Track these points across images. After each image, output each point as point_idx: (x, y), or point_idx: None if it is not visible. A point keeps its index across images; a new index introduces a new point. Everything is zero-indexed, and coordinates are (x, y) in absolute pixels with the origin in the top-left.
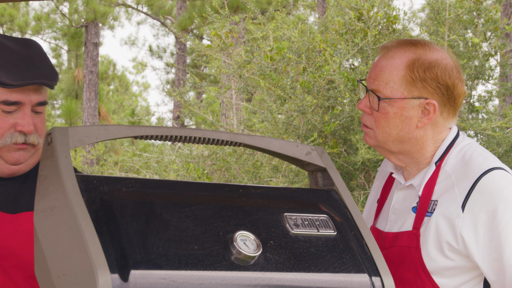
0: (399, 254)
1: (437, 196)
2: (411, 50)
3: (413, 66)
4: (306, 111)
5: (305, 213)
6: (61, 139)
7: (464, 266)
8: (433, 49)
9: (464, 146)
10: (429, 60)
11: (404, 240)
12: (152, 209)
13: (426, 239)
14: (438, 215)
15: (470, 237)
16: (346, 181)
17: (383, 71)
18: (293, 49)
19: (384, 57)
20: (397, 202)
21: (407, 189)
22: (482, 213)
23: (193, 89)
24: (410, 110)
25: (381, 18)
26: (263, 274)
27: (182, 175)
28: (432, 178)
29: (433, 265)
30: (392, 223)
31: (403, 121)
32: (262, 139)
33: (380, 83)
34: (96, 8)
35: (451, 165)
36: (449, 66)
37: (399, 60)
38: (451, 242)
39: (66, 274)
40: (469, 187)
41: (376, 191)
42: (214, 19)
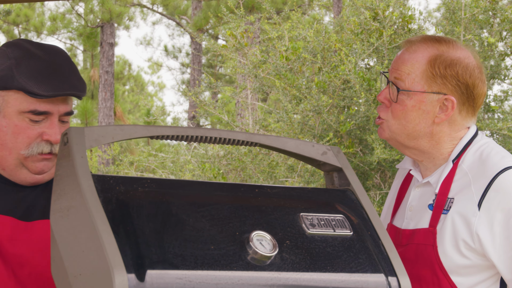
0: (416, 252)
1: (454, 194)
2: (434, 46)
3: (435, 62)
4: (322, 111)
5: (321, 213)
6: (77, 139)
7: (481, 265)
8: (456, 47)
9: (481, 145)
10: (451, 58)
11: (420, 238)
12: (168, 209)
13: (442, 237)
14: (454, 213)
15: (486, 235)
16: (361, 181)
17: (405, 63)
18: (308, 49)
19: (407, 51)
20: (414, 199)
21: (424, 186)
22: (498, 211)
23: (209, 89)
24: (428, 104)
25: (397, 17)
26: (279, 274)
27: (197, 175)
28: (449, 176)
29: (449, 263)
30: (409, 220)
31: (421, 115)
32: (278, 139)
33: (401, 75)
34: (112, 8)
35: (468, 163)
36: (470, 65)
37: (422, 54)
38: (467, 241)
39: (83, 274)
40: (486, 185)
41: (395, 188)
42: (229, 19)
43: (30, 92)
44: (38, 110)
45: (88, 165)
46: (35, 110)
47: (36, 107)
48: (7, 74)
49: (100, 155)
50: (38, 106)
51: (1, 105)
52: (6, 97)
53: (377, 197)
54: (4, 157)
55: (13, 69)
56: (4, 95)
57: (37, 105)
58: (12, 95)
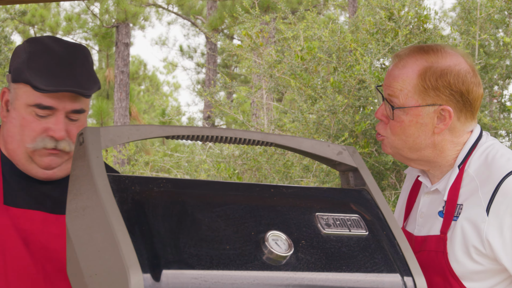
0: (427, 259)
1: (462, 200)
2: (423, 58)
3: (425, 74)
4: (337, 111)
5: (336, 213)
6: (93, 139)
7: (493, 269)
8: (446, 54)
9: (487, 148)
10: (441, 68)
11: (432, 245)
12: (184, 209)
13: (453, 243)
14: (464, 220)
15: (496, 240)
16: (377, 180)
17: (396, 80)
18: (323, 48)
19: (396, 66)
20: (424, 206)
21: (433, 193)
22: (507, 215)
23: (224, 89)
24: (425, 117)
25: (412, 17)
26: (294, 274)
27: (212, 175)
28: (456, 182)
29: (461, 269)
30: (420, 227)
31: (419, 128)
32: (293, 139)
33: (394, 92)
34: (127, 8)
35: (474, 168)
36: (462, 71)
37: (411, 69)
38: (478, 247)
39: (98, 274)
40: (493, 190)
41: (405, 192)
42: (244, 19)
43: (34, 86)
44: (42, 104)
45: (103, 165)
46: (40, 104)
47: (41, 101)
48: (19, 67)
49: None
50: (43, 100)
51: (13, 97)
52: (16, 90)
53: (392, 197)
54: (14, 150)
55: (25, 63)
56: (15, 87)
57: (42, 99)
58: (21, 88)
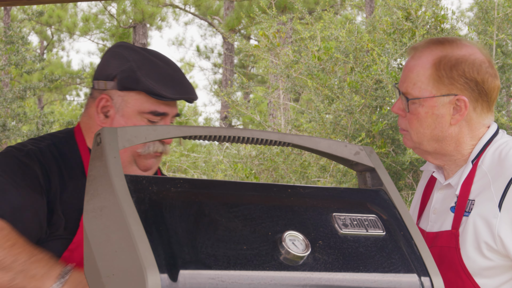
0: (440, 254)
1: (475, 195)
2: (438, 48)
3: (439, 64)
4: (354, 111)
5: (353, 213)
6: (110, 140)
7: (504, 266)
8: (461, 45)
9: (501, 144)
10: (455, 57)
11: (444, 240)
12: (201, 209)
13: (464, 239)
14: (476, 215)
15: (508, 236)
16: (394, 181)
17: (411, 71)
18: (340, 49)
19: (412, 58)
20: (437, 202)
21: (446, 188)
22: None
23: (241, 89)
24: (440, 108)
25: (429, 17)
26: (312, 274)
27: (229, 175)
28: (469, 177)
29: (472, 265)
30: (433, 223)
31: (435, 119)
32: (310, 139)
33: (409, 84)
34: (144, 8)
35: (487, 164)
36: (477, 61)
37: (426, 59)
38: (489, 242)
39: (116, 274)
40: (505, 185)
41: (420, 190)
42: (261, 19)
43: (156, 94)
44: (158, 111)
45: (121, 166)
46: (155, 111)
47: (157, 108)
48: (131, 76)
49: None
50: (158, 107)
51: (120, 105)
52: (126, 97)
53: (409, 197)
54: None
55: (136, 72)
56: (124, 95)
57: (157, 107)
58: (133, 96)
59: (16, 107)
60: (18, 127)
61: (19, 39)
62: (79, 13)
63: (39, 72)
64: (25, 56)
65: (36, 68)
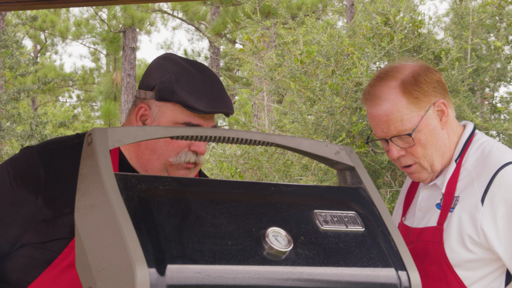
0: (424, 249)
1: (459, 192)
2: (391, 80)
3: (405, 88)
4: (335, 112)
5: (334, 210)
6: (101, 139)
7: (486, 259)
8: (401, 66)
9: (482, 143)
10: (410, 75)
11: (428, 235)
12: (188, 206)
13: (449, 233)
14: (460, 210)
15: (490, 229)
16: (373, 179)
17: (389, 114)
18: (322, 52)
19: (377, 104)
20: (423, 199)
21: (431, 187)
22: (501, 205)
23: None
24: (431, 121)
25: (407, 22)
26: (294, 268)
27: (215, 173)
28: (454, 176)
29: (456, 258)
30: (419, 220)
31: (433, 134)
32: (293, 139)
33: (397, 125)
34: (134, 14)
35: (471, 162)
36: (422, 67)
37: (393, 96)
38: (472, 235)
39: (106, 268)
40: (488, 181)
41: (406, 188)
42: (246, 24)
43: (189, 107)
44: (191, 123)
45: (111, 165)
46: (189, 122)
47: (191, 120)
48: (168, 87)
49: None
50: (192, 119)
51: (157, 115)
52: (162, 108)
53: (387, 194)
54: (151, 161)
55: (173, 84)
56: (161, 105)
57: (191, 119)
58: (169, 106)
59: (10, 108)
60: (12, 127)
61: (13, 43)
62: (71, 18)
63: (33, 74)
64: (19, 59)
65: (30, 71)
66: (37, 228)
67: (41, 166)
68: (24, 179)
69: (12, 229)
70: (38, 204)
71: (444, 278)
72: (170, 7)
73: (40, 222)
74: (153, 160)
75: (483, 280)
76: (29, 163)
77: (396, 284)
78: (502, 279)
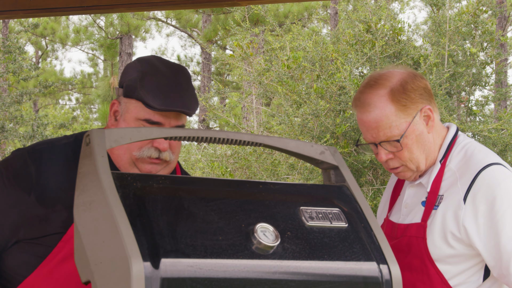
0: (408, 244)
1: (443, 191)
2: (380, 89)
3: (394, 97)
4: (320, 115)
5: (319, 207)
6: (98, 140)
7: (466, 254)
8: (389, 74)
9: (465, 145)
10: (397, 83)
11: (413, 231)
12: (181, 203)
13: (432, 230)
14: (444, 208)
15: (471, 226)
16: (356, 178)
17: (378, 121)
18: (307, 58)
19: (367, 111)
20: (409, 197)
21: (417, 185)
22: (482, 204)
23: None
24: (418, 127)
25: (388, 30)
26: (281, 262)
27: (207, 172)
28: (438, 176)
29: (437, 253)
30: (404, 216)
31: (420, 140)
32: (280, 140)
33: (386, 131)
34: (130, 21)
35: (455, 163)
36: (408, 75)
37: (381, 103)
38: (455, 232)
39: (103, 262)
40: (470, 180)
41: (391, 186)
42: (236, 31)
43: (146, 104)
44: (152, 120)
45: (108, 164)
46: (150, 119)
47: (151, 117)
48: (132, 85)
49: None
50: (152, 116)
51: (123, 110)
52: (128, 104)
53: (369, 192)
54: (120, 155)
55: (137, 81)
56: (127, 102)
57: (152, 116)
58: (133, 103)
59: (13, 110)
60: (15, 128)
61: (16, 49)
62: (70, 25)
63: (34, 79)
64: (21, 64)
65: (32, 76)
66: (31, 224)
67: (32, 165)
68: (17, 178)
69: (7, 226)
70: (31, 201)
71: (426, 271)
72: (164, 15)
73: (34, 218)
74: (122, 155)
75: (463, 274)
76: (20, 163)
77: (377, 277)
78: (481, 274)
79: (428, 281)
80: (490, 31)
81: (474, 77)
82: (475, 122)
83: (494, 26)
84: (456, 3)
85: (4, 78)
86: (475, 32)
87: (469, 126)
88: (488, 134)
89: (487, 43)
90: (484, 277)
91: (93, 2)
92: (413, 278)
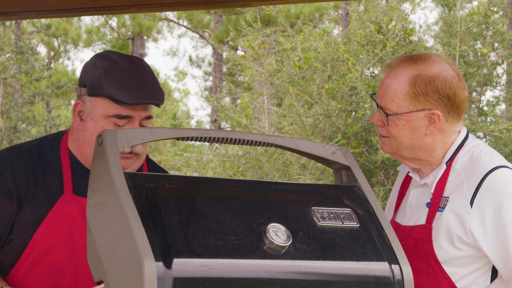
0: (414, 246)
1: (448, 193)
2: (412, 66)
3: (415, 82)
4: (331, 115)
5: (330, 207)
6: (111, 140)
7: (473, 256)
8: (433, 62)
9: (472, 147)
10: (429, 75)
11: (418, 233)
12: (193, 203)
13: (438, 231)
14: (449, 211)
15: (478, 230)
16: (367, 178)
17: (389, 89)
18: (319, 58)
19: (388, 76)
20: (413, 198)
21: (422, 186)
22: (489, 208)
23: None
24: (416, 121)
25: (399, 30)
26: (292, 262)
27: (219, 172)
28: (443, 177)
29: (444, 255)
30: (409, 217)
31: (412, 131)
32: (291, 140)
33: (387, 101)
34: (142, 22)
35: (460, 165)
36: (449, 77)
37: (402, 77)
38: (461, 235)
39: (116, 262)
40: (477, 184)
41: (397, 187)
42: (247, 32)
43: (116, 100)
44: (121, 114)
45: (120, 164)
46: (119, 114)
47: (120, 112)
48: (96, 82)
49: None
50: (121, 111)
51: (90, 109)
52: (94, 103)
53: (381, 192)
54: (90, 154)
55: (101, 79)
56: (93, 100)
57: (121, 110)
58: (99, 101)
59: (26, 111)
60: (28, 129)
61: (28, 49)
62: (83, 26)
63: (47, 79)
64: (34, 65)
65: (44, 76)
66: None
67: (6, 172)
68: None
69: None
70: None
71: (432, 274)
72: (176, 15)
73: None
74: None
75: (470, 276)
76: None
77: (389, 277)
78: (488, 275)
79: (435, 284)
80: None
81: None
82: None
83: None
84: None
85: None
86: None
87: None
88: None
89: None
90: (492, 278)
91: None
92: (419, 281)
